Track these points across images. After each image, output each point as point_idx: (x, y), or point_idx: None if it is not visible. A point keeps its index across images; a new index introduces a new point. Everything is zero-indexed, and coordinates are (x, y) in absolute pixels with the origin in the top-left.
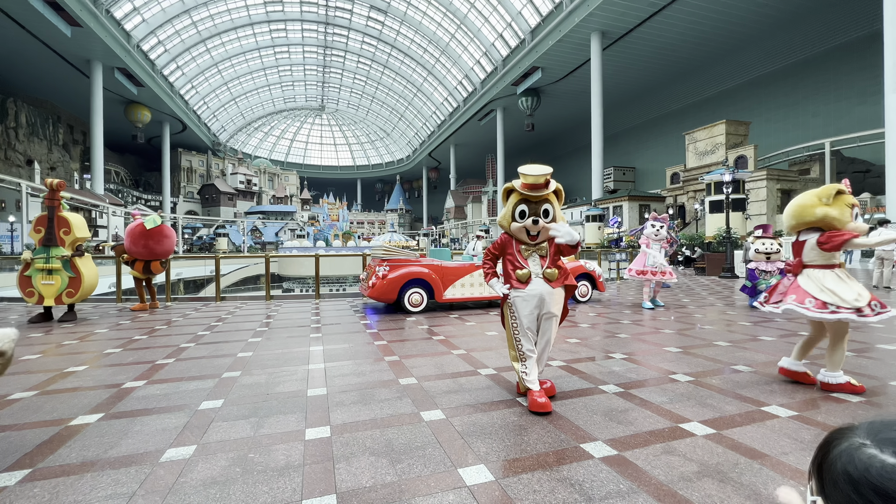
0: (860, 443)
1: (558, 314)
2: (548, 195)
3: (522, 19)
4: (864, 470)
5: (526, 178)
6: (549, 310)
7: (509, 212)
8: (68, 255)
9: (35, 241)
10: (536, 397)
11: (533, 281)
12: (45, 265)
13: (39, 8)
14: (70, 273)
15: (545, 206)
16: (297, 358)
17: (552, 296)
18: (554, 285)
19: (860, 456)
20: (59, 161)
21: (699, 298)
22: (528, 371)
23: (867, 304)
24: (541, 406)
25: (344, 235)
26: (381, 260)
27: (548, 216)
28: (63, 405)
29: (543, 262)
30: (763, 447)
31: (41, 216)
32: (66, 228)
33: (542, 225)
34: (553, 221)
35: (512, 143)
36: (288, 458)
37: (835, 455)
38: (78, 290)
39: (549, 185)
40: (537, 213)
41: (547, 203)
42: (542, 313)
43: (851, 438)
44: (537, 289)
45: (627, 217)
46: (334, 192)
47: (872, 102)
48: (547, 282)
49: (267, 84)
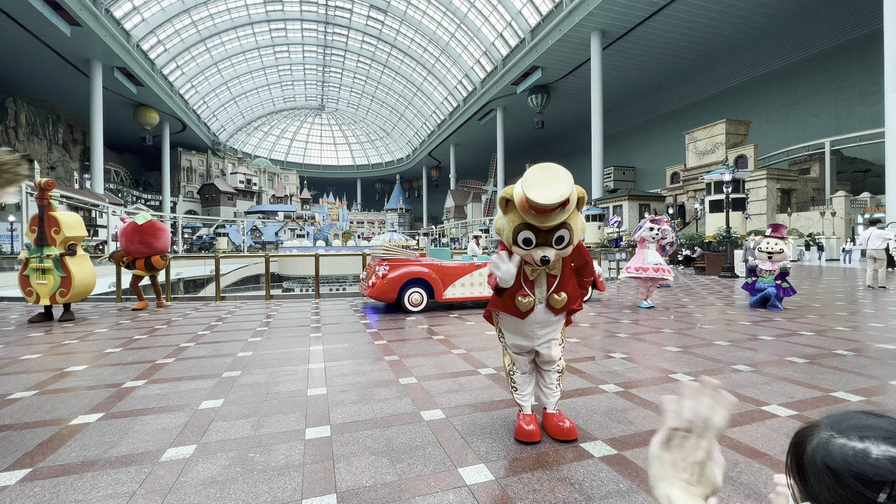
0: (829, 435)
1: (558, 337)
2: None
3: (522, 18)
4: (841, 460)
5: (534, 192)
6: (547, 338)
7: (510, 234)
8: (56, 254)
9: (31, 240)
10: (523, 423)
11: (535, 310)
12: (38, 265)
13: (39, 7)
14: (61, 273)
15: (560, 233)
16: (297, 357)
17: (553, 324)
18: (557, 313)
19: (833, 448)
20: (58, 161)
21: (699, 298)
22: (517, 385)
23: None
24: (527, 435)
25: (344, 235)
26: (381, 259)
27: (562, 243)
28: (63, 405)
29: (552, 282)
30: (763, 447)
31: (34, 216)
32: (56, 228)
33: (557, 256)
34: (569, 245)
35: (512, 142)
36: (288, 457)
37: (810, 454)
38: (69, 290)
39: (567, 205)
40: (548, 243)
41: (563, 229)
42: (538, 344)
43: (819, 434)
44: (536, 318)
45: (627, 217)
46: (334, 192)
47: (872, 102)
48: (550, 309)
49: (267, 83)
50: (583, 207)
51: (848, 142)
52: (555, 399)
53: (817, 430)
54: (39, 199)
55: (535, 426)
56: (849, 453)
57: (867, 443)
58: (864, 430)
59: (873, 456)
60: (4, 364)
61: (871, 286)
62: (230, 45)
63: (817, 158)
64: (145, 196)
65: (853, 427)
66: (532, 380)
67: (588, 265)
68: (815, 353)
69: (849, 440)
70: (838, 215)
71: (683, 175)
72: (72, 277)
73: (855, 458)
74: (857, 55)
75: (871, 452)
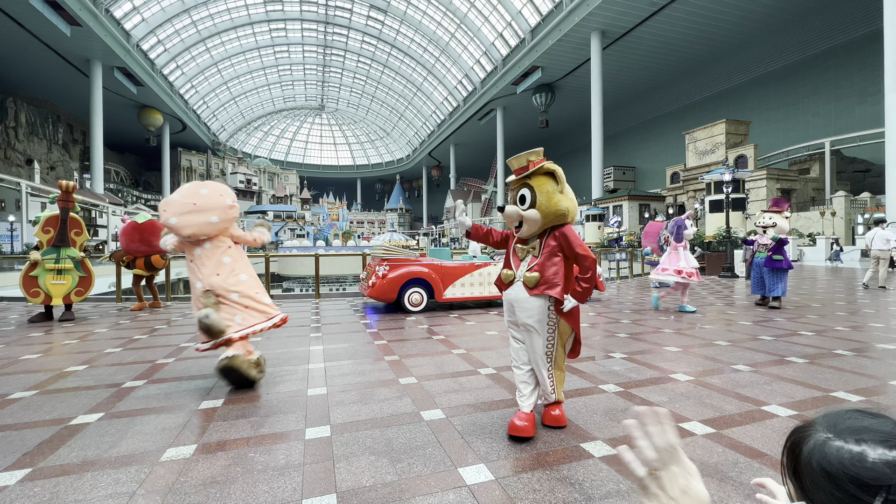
0: (825, 437)
1: (537, 328)
2: (526, 179)
3: (522, 18)
4: (838, 464)
5: (511, 163)
6: (524, 321)
7: None
8: (80, 255)
9: (43, 241)
10: (516, 419)
11: (514, 284)
12: (55, 265)
13: (39, 7)
14: (81, 273)
15: (521, 192)
16: (297, 357)
17: (525, 304)
18: (531, 293)
19: (830, 451)
20: (58, 161)
21: (699, 298)
22: (517, 384)
23: None
24: (517, 429)
25: (344, 235)
26: (381, 259)
27: (524, 202)
28: (63, 405)
29: (532, 261)
30: (763, 446)
31: (52, 216)
32: (79, 229)
33: (512, 213)
34: (532, 209)
35: (512, 142)
36: (288, 457)
37: (806, 456)
38: (87, 290)
39: (529, 167)
40: (513, 200)
41: (524, 188)
42: (519, 322)
43: (815, 435)
44: (512, 294)
45: (627, 216)
46: (334, 192)
47: (872, 102)
48: (525, 287)
49: (267, 83)
50: (561, 183)
51: (848, 142)
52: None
53: (813, 431)
54: (63, 202)
55: (528, 423)
56: (845, 457)
57: (864, 446)
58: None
59: (870, 460)
60: (4, 364)
61: (868, 285)
62: (230, 45)
63: (817, 158)
64: (145, 196)
65: (850, 429)
66: (532, 381)
67: (583, 257)
68: (815, 353)
69: (845, 443)
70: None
71: (683, 175)
72: (91, 278)
73: (851, 461)
74: (857, 55)
75: (867, 456)
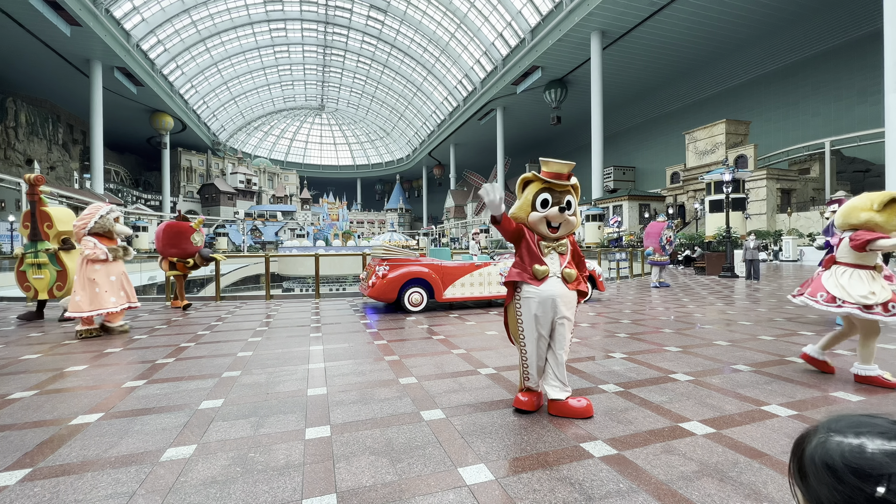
0: (826, 435)
1: (572, 318)
2: (570, 186)
3: (522, 18)
4: (839, 456)
5: (550, 166)
6: (564, 313)
7: (528, 201)
8: (53, 248)
9: (24, 236)
10: (520, 395)
11: (549, 279)
12: (34, 259)
13: (39, 7)
14: (57, 267)
15: (568, 198)
16: (297, 357)
17: (567, 298)
18: (570, 287)
19: (830, 446)
20: (58, 161)
21: (699, 298)
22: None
23: (882, 304)
24: (520, 403)
25: (344, 235)
26: (381, 259)
27: (570, 208)
28: (63, 405)
29: (563, 259)
30: (763, 446)
31: (26, 212)
32: (49, 222)
33: (567, 217)
34: (574, 216)
35: (512, 142)
36: (288, 457)
37: (809, 455)
38: (66, 284)
39: (571, 177)
40: (561, 202)
41: (570, 195)
42: (557, 317)
43: (817, 436)
44: (552, 289)
45: (627, 216)
46: (334, 192)
47: (872, 102)
48: (564, 282)
49: (267, 83)
50: (578, 196)
51: (848, 142)
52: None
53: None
54: (30, 195)
55: (530, 399)
56: (845, 449)
57: (862, 438)
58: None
59: (869, 450)
60: (4, 364)
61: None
62: (230, 45)
63: (817, 158)
64: (145, 196)
65: (848, 426)
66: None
67: (582, 262)
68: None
69: (845, 437)
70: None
71: (683, 175)
72: (67, 271)
73: (851, 453)
74: (857, 55)
75: (866, 447)
